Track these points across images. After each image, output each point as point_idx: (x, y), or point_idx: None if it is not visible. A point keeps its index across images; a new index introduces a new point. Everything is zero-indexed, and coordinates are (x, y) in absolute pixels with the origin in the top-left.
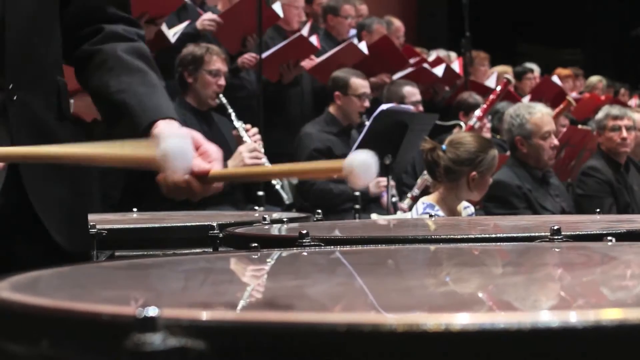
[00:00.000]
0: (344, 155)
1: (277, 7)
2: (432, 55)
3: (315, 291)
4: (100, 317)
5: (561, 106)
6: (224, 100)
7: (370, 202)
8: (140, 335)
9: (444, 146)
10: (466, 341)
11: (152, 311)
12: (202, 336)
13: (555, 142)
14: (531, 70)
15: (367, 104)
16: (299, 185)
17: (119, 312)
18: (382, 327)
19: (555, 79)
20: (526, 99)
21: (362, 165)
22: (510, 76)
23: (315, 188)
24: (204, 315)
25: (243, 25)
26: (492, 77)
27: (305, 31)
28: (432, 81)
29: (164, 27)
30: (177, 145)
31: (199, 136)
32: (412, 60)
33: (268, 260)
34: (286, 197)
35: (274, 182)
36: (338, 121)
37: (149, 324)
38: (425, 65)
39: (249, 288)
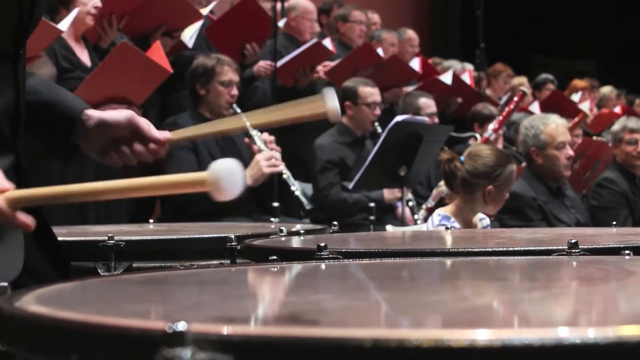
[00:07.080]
0: (356, 167)
1: (281, 23)
2: (447, 72)
3: (337, 305)
4: (131, 332)
5: (576, 119)
6: (238, 111)
7: (385, 214)
8: (170, 350)
9: (462, 157)
10: (490, 357)
11: (181, 326)
12: (230, 350)
13: (570, 152)
14: (552, 81)
15: (378, 111)
16: (313, 196)
17: (149, 327)
18: (407, 343)
19: (576, 97)
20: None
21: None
22: (525, 88)
23: (329, 198)
24: (232, 330)
25: (239, 33)
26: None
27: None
28: (444, 92)
29: None
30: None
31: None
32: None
33: (288, 273)
34: (306, 202)
35: (293, 188)
36: (351, 131)
37: (179, 338)
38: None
39: (271, 302)
